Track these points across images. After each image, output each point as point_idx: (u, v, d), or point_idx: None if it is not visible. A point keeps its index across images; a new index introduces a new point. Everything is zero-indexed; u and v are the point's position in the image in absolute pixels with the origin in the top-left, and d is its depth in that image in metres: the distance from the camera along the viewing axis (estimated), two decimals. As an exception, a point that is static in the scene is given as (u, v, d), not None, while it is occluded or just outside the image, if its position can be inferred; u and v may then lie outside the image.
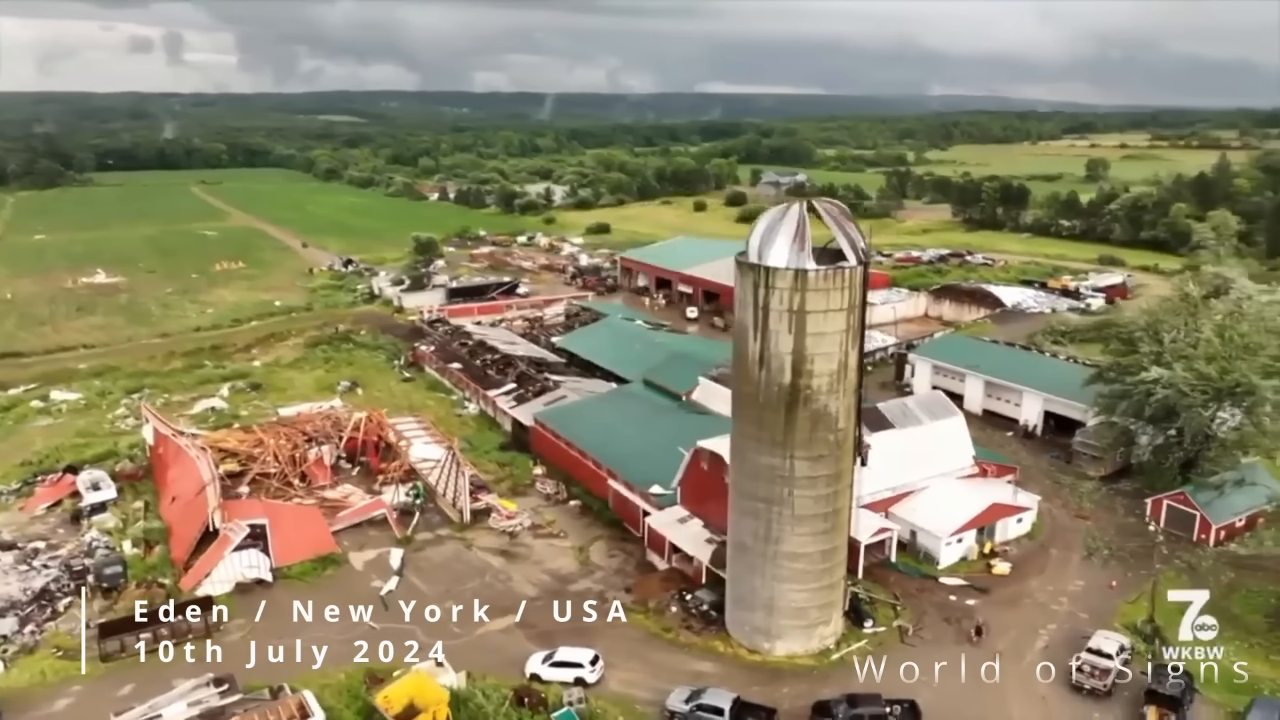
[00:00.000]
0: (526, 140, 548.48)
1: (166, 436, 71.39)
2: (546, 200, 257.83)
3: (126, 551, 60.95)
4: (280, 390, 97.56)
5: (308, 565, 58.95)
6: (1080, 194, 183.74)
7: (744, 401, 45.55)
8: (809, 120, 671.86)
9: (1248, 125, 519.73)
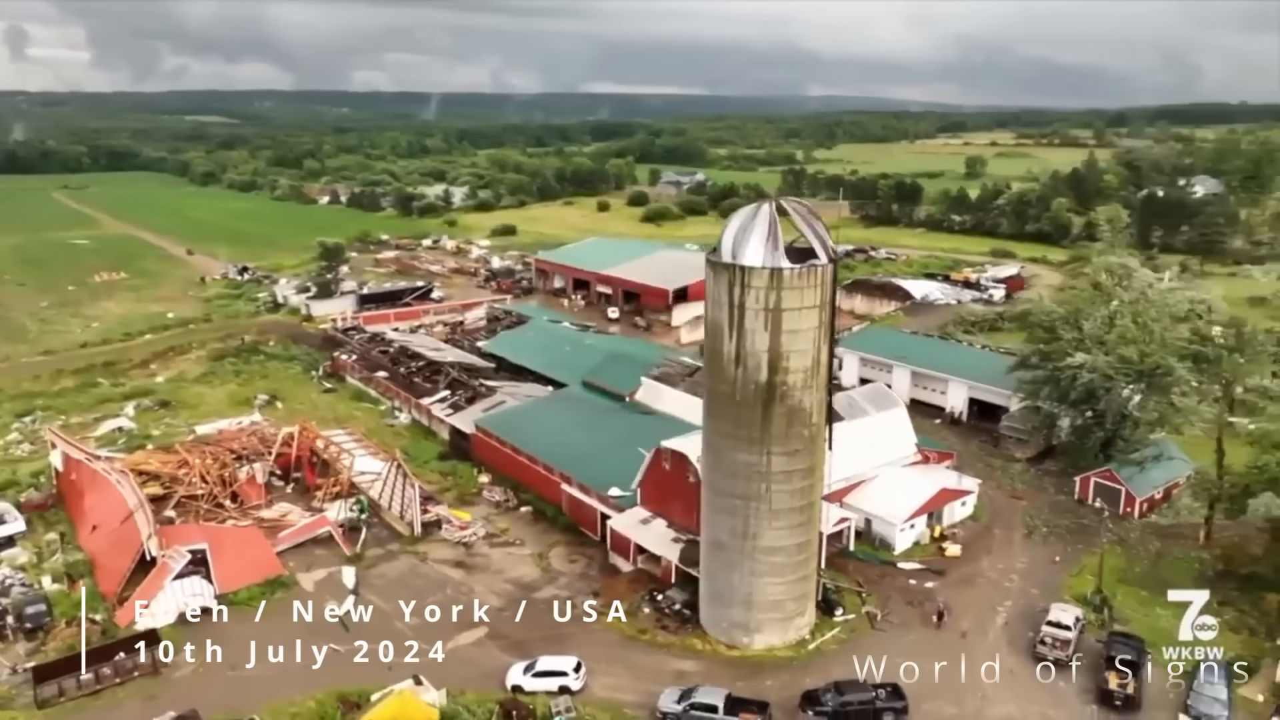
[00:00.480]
0: (414, 141, 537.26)
1: (79, 461, 66.59)
2: (445, 202, 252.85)
3: (47, 588, 56.64)
4: (191, 407, 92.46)
5: (255, 590, 56.09)
6: (967, 190, 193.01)
7: (719, 400, 45.93)
8: (697, 120, 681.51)
9: (1101, 125, 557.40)
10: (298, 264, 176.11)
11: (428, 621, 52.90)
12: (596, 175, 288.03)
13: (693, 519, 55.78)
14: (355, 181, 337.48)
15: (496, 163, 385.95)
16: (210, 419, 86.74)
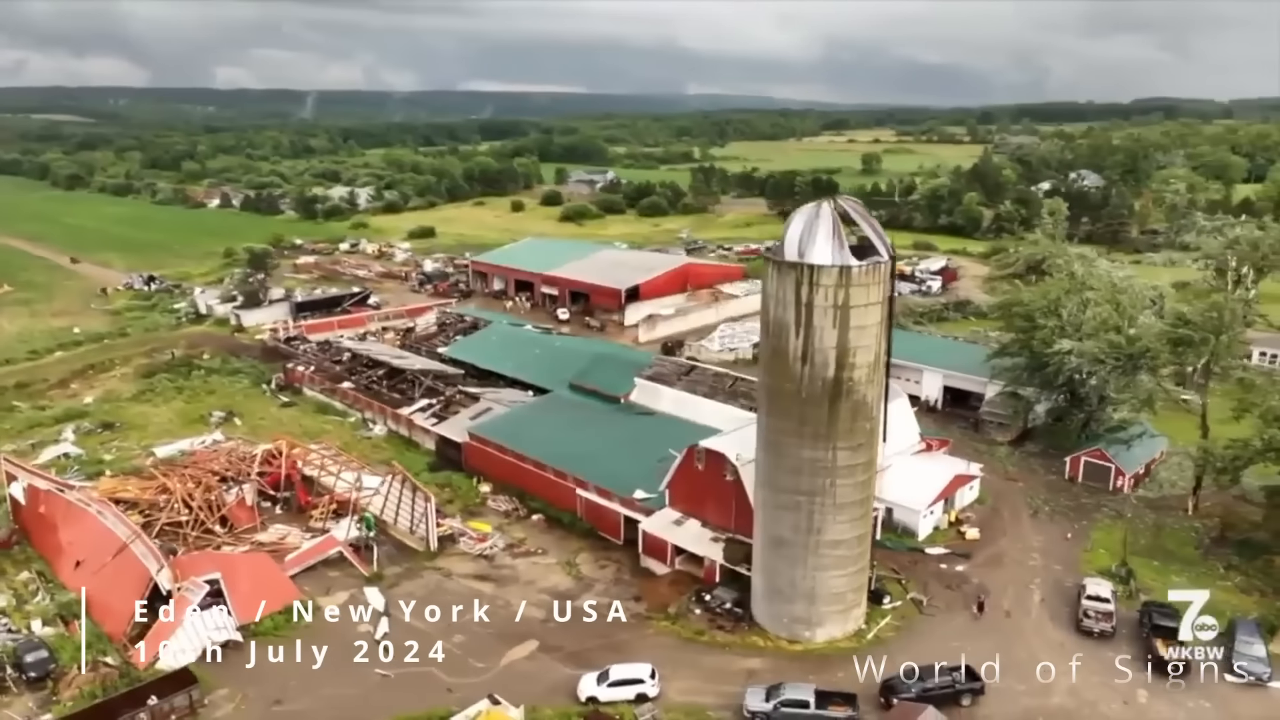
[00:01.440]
0: (296, 141, 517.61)
1: (48, 493, 61.30)
2: (351, 204, 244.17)
3: (39, 632, 51.98)
4: (138, 428, 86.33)
5: (277, 618, 52.96)
6: (878, 185, 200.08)
7: (782, 398, 46.23)
8: (586, 118, 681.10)
9: (973, 123, 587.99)
10: (207, 271, 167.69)
11: (472, 638, 51.67)
12: (505, 175, 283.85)
13: (730, 518, 56.18)
14: (242, 184, 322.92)
15: (392, 163, 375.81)
16: (165, 440, 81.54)
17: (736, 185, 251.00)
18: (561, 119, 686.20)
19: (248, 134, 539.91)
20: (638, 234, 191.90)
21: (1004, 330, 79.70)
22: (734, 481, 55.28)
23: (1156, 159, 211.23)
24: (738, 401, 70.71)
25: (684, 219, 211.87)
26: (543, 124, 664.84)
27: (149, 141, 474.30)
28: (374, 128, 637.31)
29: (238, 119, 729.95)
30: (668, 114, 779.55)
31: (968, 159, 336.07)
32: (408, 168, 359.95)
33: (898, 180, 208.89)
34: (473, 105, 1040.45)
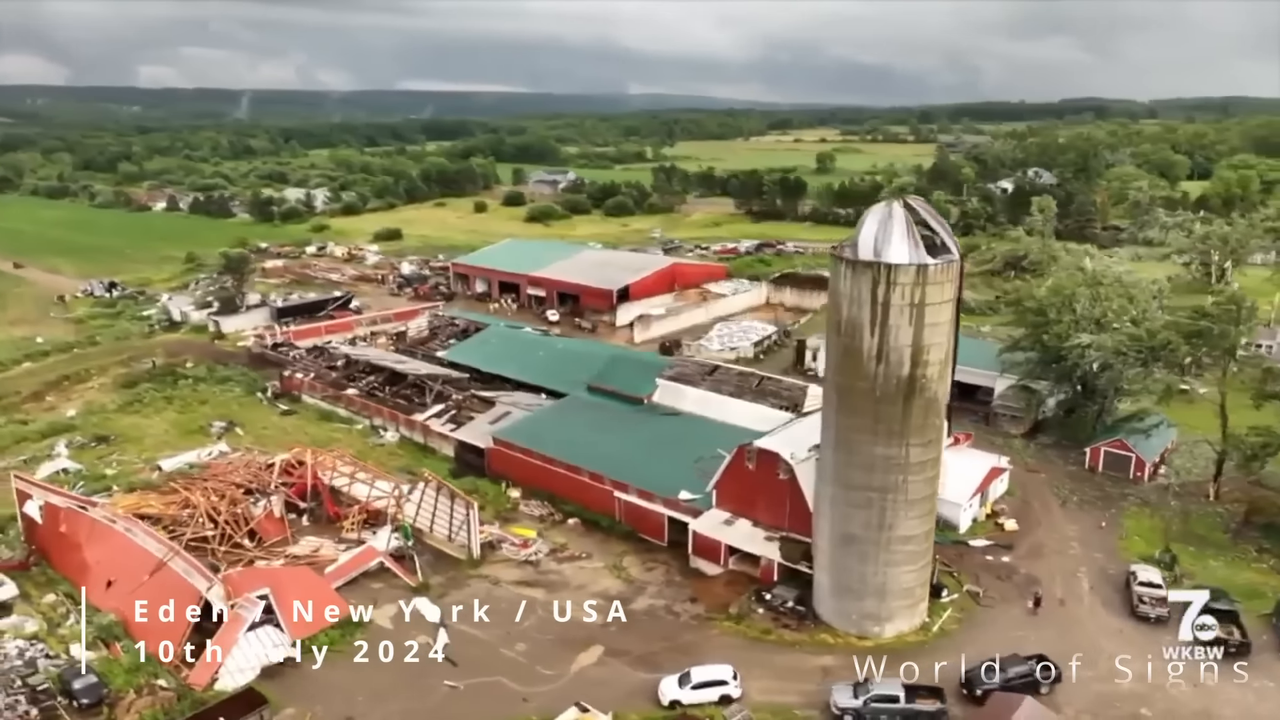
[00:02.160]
0: (236, 141, 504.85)
1: (71, 511, 58.66)
2: (307, 206, 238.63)
3: (81, 656, 49.68)
4: (134, 440, 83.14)
5: (332, 633, 51.58)
6: (841, 184, 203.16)
7: (856, 396, 46.62)
8: (533, 118, 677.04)
9: (914, 122, 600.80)
10: (169, 277, 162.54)
11: (534, 646, 51.07)
12: (463, 175, 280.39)
13: (783, 516, 56.50)
14: (185, 185, 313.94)
15: (341, 163, 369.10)
16: (167, 452, 78.80)
17: (697, 185, 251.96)
18: (507, 119, 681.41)
19: (182, 134, 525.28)
20: (608, 234, 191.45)
21: (1014, 325, 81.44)
22: (788, 480, 55.60)
23: (1105, 157, 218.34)
24: (766, 400, 71.17)
25: (651, 219, 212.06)
26: (488, 124, 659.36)
27: (77, 142, 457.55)
28: (314, 128, 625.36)
29: (168, 119, 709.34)
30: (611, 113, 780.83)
31: (914, 157, 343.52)
32: (358, 168, 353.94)
33: (860, 179, 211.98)
34: (412, 105, 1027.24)
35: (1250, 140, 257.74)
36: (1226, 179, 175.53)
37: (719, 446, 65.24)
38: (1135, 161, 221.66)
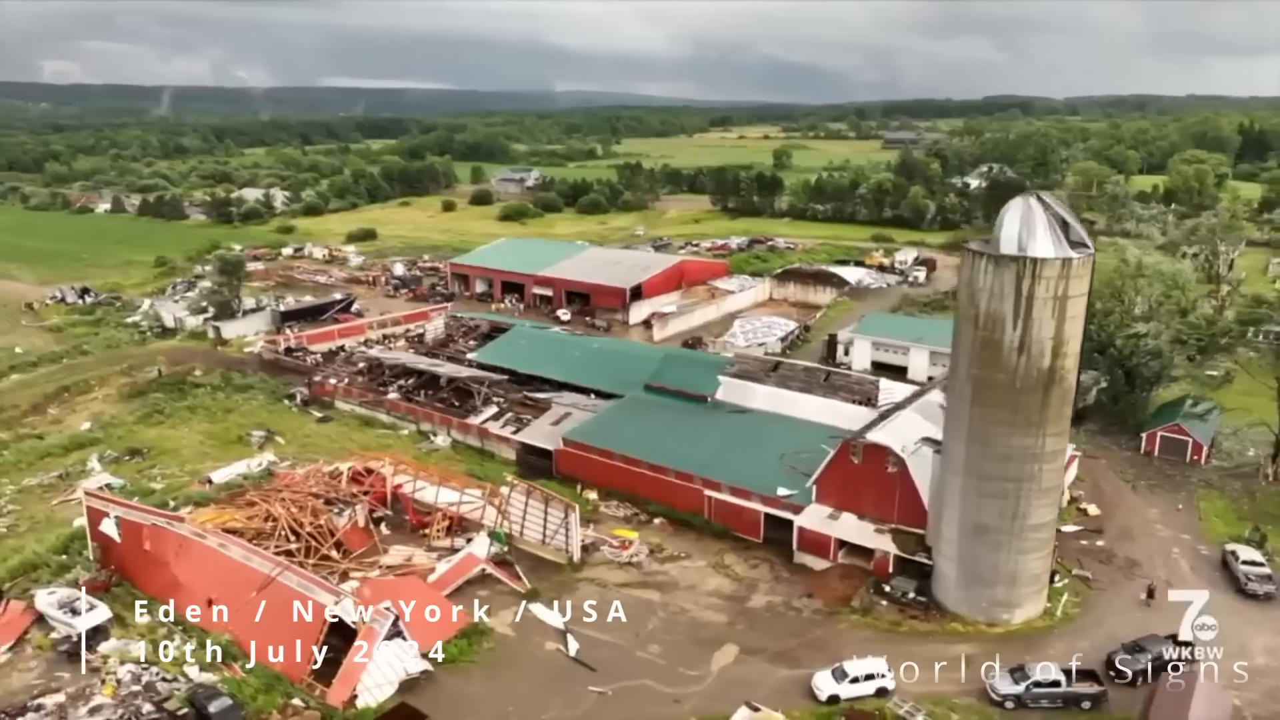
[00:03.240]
0: (166, 140, 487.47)
1: (155, 528, 55.95)
2: (268, 206, 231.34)
3: (199, 678, 47.64)
4: (168, 453, 79.73)
5: (459, 644, 50.42)
6: (817, 179, 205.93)
7: (995, 389, 47.49)
8: (468, 115, 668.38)
9: (852, 119, 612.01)
10: (141, 282, 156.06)
11: (668, 648, 50.77)
12: (425, 174, 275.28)
13: (892, 509, 57.24)
14: (122, 186, 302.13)
15: (287, 163, 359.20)
16: (209, 464, 75.81)
17: (664, 182, 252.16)
18: (442, 115, 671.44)
19: (105, 133, 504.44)
20: (589, 233, 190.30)
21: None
22: (897, 473, 56.37)
23: (1060, 153, 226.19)
24: (838, 395, 71.87)
25: (627, 216, 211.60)
26: (424, 121, 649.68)
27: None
28: (245, 125, 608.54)
29: (83, 116, 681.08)
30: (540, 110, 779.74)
31: (861, 154, 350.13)
32: (305, 167, 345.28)
33: (832, 175, 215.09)
34: (340, 102, 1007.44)
35: (1189, 137, 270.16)
36: (1184, 173, 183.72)
37: (799, 443, 66.11)
38: (1087, 156, 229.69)
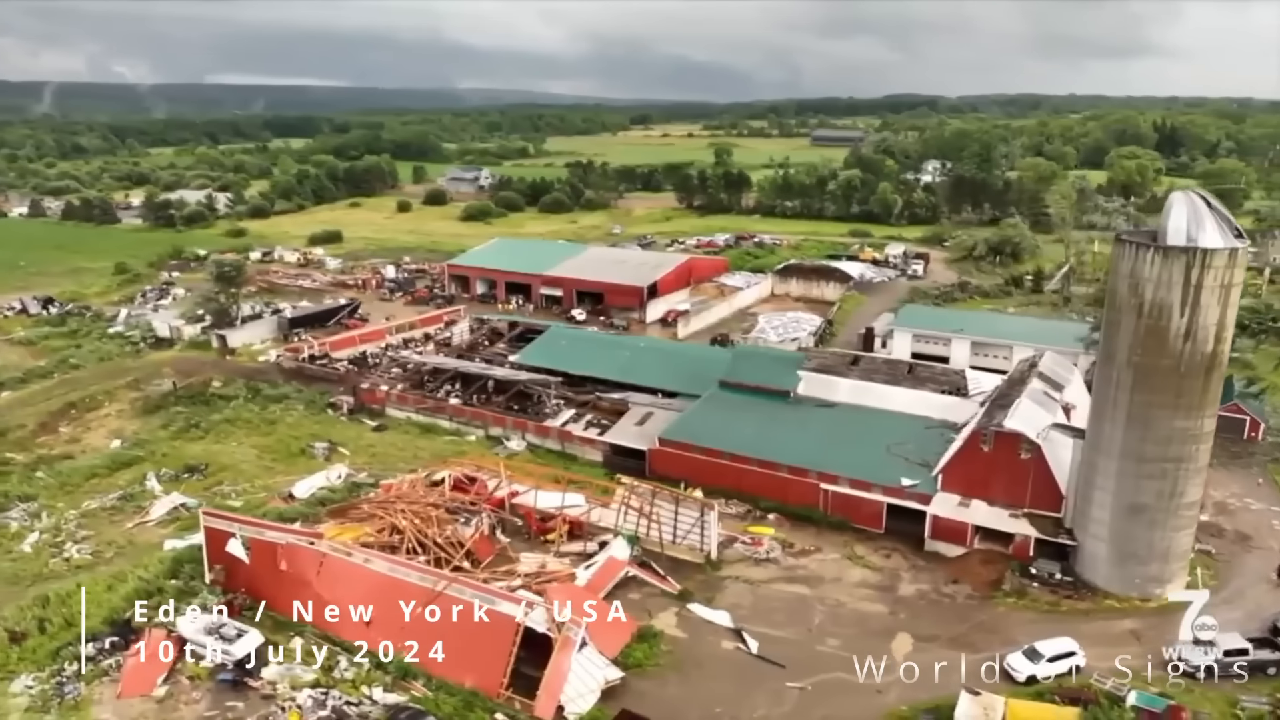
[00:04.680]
0: (61, 139, 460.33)
1: (294, 546, 53.20)
2: (210, 209, 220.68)
3: (384, 699, 45.75)
4: (228, 469, 75.85)
5: (639, 649, 49.78)
6: (783, 176, 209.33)
7: (1159, 374, 49.67)
8: (386, 114, 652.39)
9: (772, 117, 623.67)
10: (103, 290, 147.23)
11: (844, 642, 51.25)
12: (372, 174, 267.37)
13: (1024, 494, 59.16)
14: (25, 188, 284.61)
15: (212, 163, 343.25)
16: (278, 479, 72.64)
17: (621, 179, 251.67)
18: (360, 114, 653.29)
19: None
20: (563, 232, 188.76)
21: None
22: (1030, 459, 58.30)
23: (1001, 149, 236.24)
24: (925, 387, 73.60)
25: (593, 215, 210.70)
26: (335, 119, 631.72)
27: None
28: (145, 124, 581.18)
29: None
30: (444, 108, 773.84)
31: (792, 150, 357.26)
32: (230, 168, 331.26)
33: (792, 172, 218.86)
34: (234, 99, 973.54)
35: (1111, 134, 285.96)
36: (1127, 168, 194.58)
37: (897, 434, 67.84)
38: (1025, 152, 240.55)
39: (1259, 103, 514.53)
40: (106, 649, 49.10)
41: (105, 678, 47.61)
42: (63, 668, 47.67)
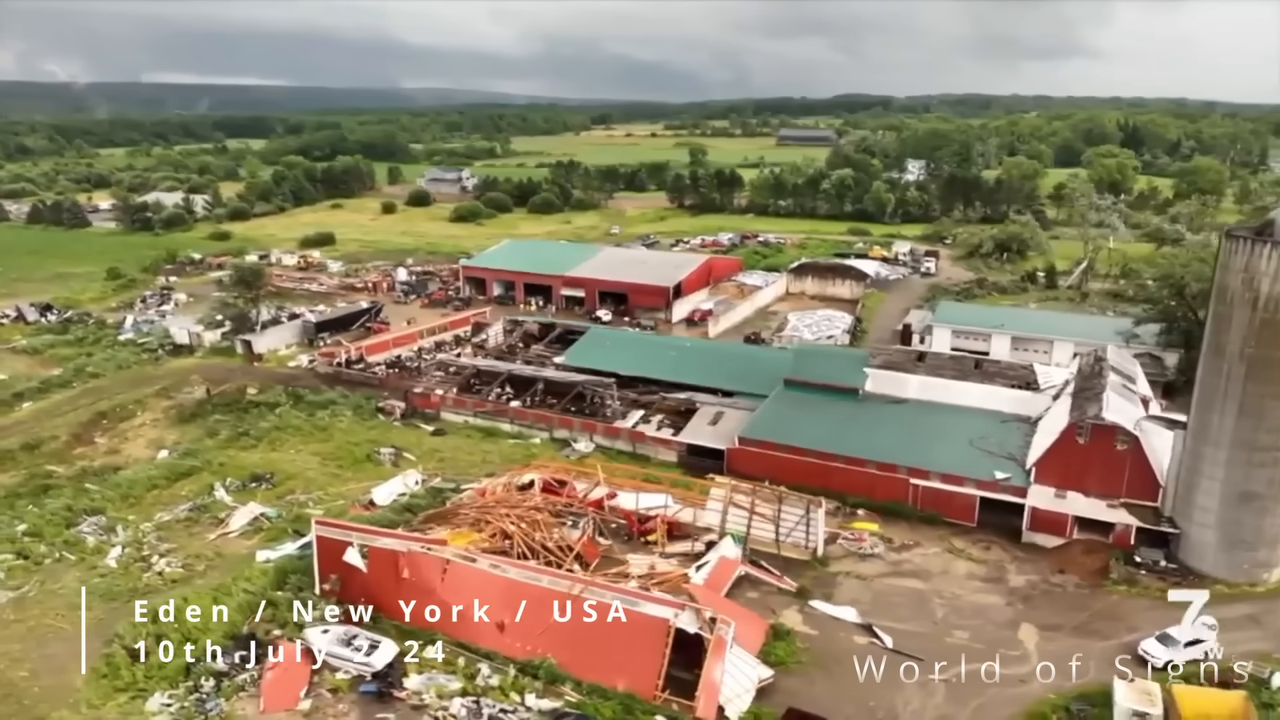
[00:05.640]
0: (5, 140, 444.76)
1: (415, 554, 52.23)
2: (188, 211, 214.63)
3: (538, 704, 45.26)
4: (294, 477, 74.02)
5: (780, 647, 49.96)
6: (776, 176, 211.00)
7: (1274, 366, 51.45)
8: (341, 113, 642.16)
9: (734, 116, 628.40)
10: (97, 296, 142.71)
11: (973, 632, 52.03)
12: (350, 175, 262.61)
13: (1120, 485, 60.64)
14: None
15: (175, 164, 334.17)
16: (351, 486, 71.28)
17: (604, 179, 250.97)
18: (317, 114, 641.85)
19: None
20: (559, 232, 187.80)
21: (1146, 302, 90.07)
22: (1126, 450, 59.80)
23: (978, 148, 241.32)
24: (995, 381, 74.95)
25: (586, 215, 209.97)
26: (288, 119, 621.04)
27: None
28: (89, 125, 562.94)
29: None
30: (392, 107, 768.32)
31: (758, 150, 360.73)
32: (194, 169, 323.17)
33: (781, 171, 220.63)
34: (177, 99, 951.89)
35: (1078, 133, 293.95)
36: (1107, 166, 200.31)
37: (974, 429, 69.09)
38: (1001, 152, 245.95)
39: (1193, 103, 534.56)
40: (237, 663, 47.82)
41: (242, 693, 46.34)
42: (199, 683, 46.18)
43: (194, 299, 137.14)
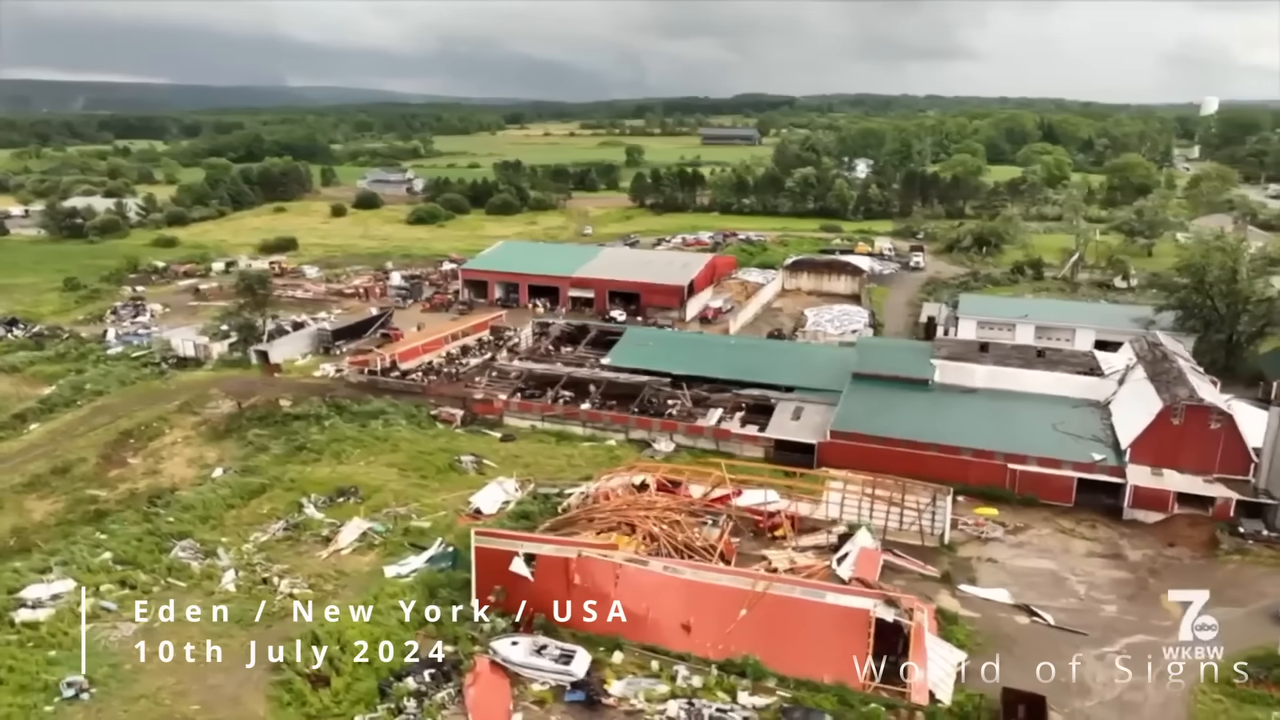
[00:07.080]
0: None
1: (588, 559, 51.38)
2: (122, 217, 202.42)
3: (749, 701, 45.41)
4: (378, 490, 71.31)
5: (960, 631, 51.32)
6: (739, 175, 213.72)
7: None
8: (243, 113, 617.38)
9: (650, 116, 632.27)
10: (58, 309, 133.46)
11: (1120, 606, 54.61)
12: (290, 178, 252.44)
13: (1214, 461, 64.64)
14: None
15: (82, 167, 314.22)
16: (442, 496, 69.39)
17: (553, 178, 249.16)
18: (213, 114, 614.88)
19: None
20: (528, 233, 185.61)
21: (1168, 290, 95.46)
22: (1219, 429, 63.81)
23: (916, 145, 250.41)
24: (1060, 368, 78.48)
25: (550, 215, 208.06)
26: (182, 120, 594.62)
27: None
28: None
29: None
30: (281, 106, 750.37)
31: (681, 149, 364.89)
32: (102, 172, 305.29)
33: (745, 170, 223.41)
34: (44, 97, 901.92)
35: (1001, 132, 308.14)
36: (1046, 163, 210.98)
37: (1052, 414, 72.49)
38: (936, 150, 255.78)
39: (1070, 103, 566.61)
40: (429, 681, 46.15)
41: (444, 711, 44.77)
42: (401, 704, 44.36)
43: (169, 309, 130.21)
